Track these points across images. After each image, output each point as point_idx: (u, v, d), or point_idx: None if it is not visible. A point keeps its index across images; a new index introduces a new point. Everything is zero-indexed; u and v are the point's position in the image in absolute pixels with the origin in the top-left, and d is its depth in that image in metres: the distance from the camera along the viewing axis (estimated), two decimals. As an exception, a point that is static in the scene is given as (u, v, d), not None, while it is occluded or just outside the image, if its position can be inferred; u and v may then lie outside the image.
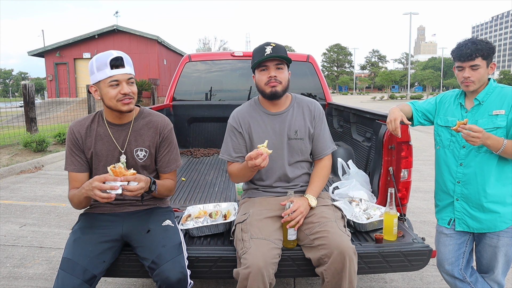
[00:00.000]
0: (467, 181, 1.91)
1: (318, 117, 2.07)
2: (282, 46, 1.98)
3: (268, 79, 1.94)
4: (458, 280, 2.03)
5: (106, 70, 1.73)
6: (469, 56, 1.82)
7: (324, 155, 2.08)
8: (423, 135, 10.44)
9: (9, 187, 5.49)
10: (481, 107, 1.88)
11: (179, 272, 1.64)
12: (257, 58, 1.94)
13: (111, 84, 1.75)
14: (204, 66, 4.47)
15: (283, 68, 1.97)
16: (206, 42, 52.26)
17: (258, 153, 1.73)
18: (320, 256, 1.69)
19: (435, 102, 2.09)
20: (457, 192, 1.96)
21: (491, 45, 1.84)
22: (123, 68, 1.75)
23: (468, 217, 1.94)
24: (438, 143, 2.05)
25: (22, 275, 2.88)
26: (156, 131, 1.93)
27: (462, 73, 1.87)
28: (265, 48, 1.93)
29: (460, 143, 1.92)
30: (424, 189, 5.16)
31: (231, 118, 2.10)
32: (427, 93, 52.74)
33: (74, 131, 1.87)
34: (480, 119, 1.86)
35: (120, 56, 1.75)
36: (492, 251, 1.94)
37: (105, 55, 1.75)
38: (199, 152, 4.33)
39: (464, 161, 1.92)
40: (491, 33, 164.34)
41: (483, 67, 1.83)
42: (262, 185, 2.07)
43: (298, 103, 2.09)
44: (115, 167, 1.64)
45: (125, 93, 1.75)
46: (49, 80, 25.23)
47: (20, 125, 8.99)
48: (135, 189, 1.65)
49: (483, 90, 1.89)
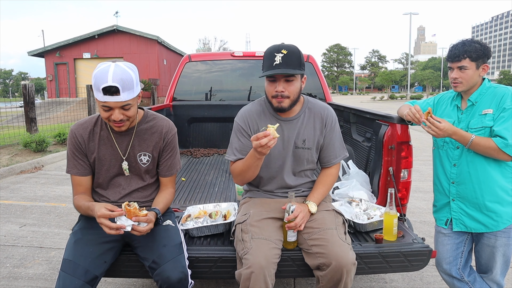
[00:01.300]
0: (461, 181, 1.93)
1: (330, 125, 1.96)
2: (296, 51, 1.77)
3: (275, 93, 1.80)
4: (456, 280, 2.04)
5: (99, 94, 1.62)
6: (456, 57, 1.84)
7: (332, 164, 2.00)
8: (423, 135, 10.44)
9: (9, 187, 5.49)
10: (474, 108, 1.89)
11: (180, 272, 1.64)
12: (266, 67, 1.77)
13: (103, 108, 1.66)
14: (204, 66, 4.47)
15: (293, 80, 1.79)
16: (206, 42, 52.25)
17: (266, 133, 1.64)
18: (318, 263, 1.69)
19: (433, 103, 2.10)
20: (453, 193, 1.97)
21: (484, 47, 1.83)
22: (117, 95, 1.61)
23: (465, 217, 1.94)
24: (434, 144, 2.07)
25: (22, 275, 2.88)
26: (160, 136, 1.90)
27: (451, 74, 1.90)
28: (275, 55, 1.74)
29: (454, 144, 1.93)
30: (424, 189, 5.16)
31: (239, 117, 1.97)
32: (427, 93, 52.68)
33: (77, 134, 1.82)
34: (472, 119, 1.88)
35: (115, 85, 1.58)
36: (490, 251, 1.94)
37: (101, 78, 1.59)
38: (199, 152, 4.33)
39: (457, 162, 1.93)
40: (491, 33, 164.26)
41: (472, 68, 1.83)
42: (263, 189, 2.03)
43: (310, 109, 1.96)
44: (129, 205, 1.63)
45: (115, 120, 1.67)
46: (49, 80, 25.23)
47: (20, 125, 8.98)
48: (144, 230, 1.65)
49: (476, 91, 1.89)
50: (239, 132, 1.95)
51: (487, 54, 1.84)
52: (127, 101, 1.66)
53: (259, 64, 4.37)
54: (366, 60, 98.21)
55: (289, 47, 1.78)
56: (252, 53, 4.35)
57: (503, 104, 1.79)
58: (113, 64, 1.63)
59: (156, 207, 1.79)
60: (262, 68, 1.83)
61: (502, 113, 1.78)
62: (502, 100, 1.80)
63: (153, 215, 1.69)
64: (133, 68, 1.70)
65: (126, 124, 1.74)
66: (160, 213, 1.78)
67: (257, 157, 1.73)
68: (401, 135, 2.17)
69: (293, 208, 1.76)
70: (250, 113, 1.96)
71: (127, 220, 1.62)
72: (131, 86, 1.65)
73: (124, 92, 1.62)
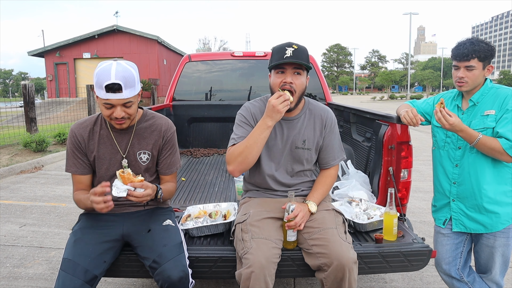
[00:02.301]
0: (462, 181, 1.92)
1: (330, 127, 1.98)
2: (305, 49, 1.83)
3: (283, 83, 1.80)
4: (455, 280, 2.04)
5: (101, 92, 1.65)
6: (465, 56, 1.81)
7: (331, 166, 2.00)
8: (423, 135, 10.44)
9: (9, 187, 5.49)
10: (475, 108, 1.88)
11: (180, 271, 1.65)
12: (276, 59, 1.80)
13: (105, 106, 1.69)
14: (204, 66, 4.47)
15: (301, 73, 1.82)
16: (206, 42, 52.26)
17: (280, 94, 1.63)
18: (319, 264, 1.69)
19: (433, 102, 2.09)
20: (453, 193, 1.96)
21: (490, 47, 1.82)
22: (120, 93, 1.65)
23: (465, 217, 1.94)
24: (434, 144, 2.06)
25: (22, 275, 2.88)
26: (159, 134, 1.91)
27: (457, 73, 1.87)
28: (286, 49, 1.78)
29: (456, 144, 1.93)
30: (424, 189, 5.16)
31: (243, 109, 1.96)
32: (427, 93, 52.72)
33: (77, 134, 1.84)
34: (473, 120, 1.87)
35: (118, 83, 1.62)
36: (489, 251, 1.94)
37: (104, 75, 1.63)
38: (199, 152, 4.33)
39: (459, 162, 1.92)
40: (491, 33, 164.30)
41: (479, 68, 1.82)
42: (263, 189, 2.03)
43: (310, 110, 1.98)
44: (123, 172, 1.64)
45: (116, 117, 1.70)
46: (49, 80, 25.24)
47: (20, 125, 8.98)
48: (141, 195, 1.65)
49: (478, 91, 1.88)
50: (242, 122, 1.94)
51: (493, 54, 1.83)
52: (129, 98, 1.69)
53: (259, 64, 4.37)
54: (366, 60, 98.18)
55: (299, 44, 1.82)
56: (252, 53, 4.35)
57: (506, 105, 1.79)
58: (114, 63, 1.66)
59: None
60: (271, 61, 1.85)
61: (505, 114, 1.78)
62: (505, 101, 1.79)
63: (153, 189, 1.70)
64: (134, 67, 1.74)
65: (127, 122, 1.76)
66: (161, 189, 1.79)
67: (268, 124, 1.74)
68: (401, 135, 2.17)
69: (293, 208, 1.76)
70: (254, 108, 1.96)
71: (122, 185, 1.61)
72: (132, 84, 1.68)
73: (126, 90, 1.66)
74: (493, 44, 1.87)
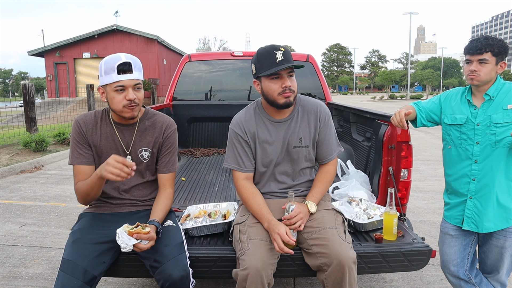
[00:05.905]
0: (482, 177, 1.88)
1: (324, 121, 1.95)
2: (289, 50, 1.83)
3: (283, 89, 1.79)
4: (463, 281, 2.01)
5: (113, 74, 1.72)
6: (478, 49, 1.81)
7: (329, 160, 2.00)
8: (423, 135, 10.44)
9: (9, 187, 5.49)
10: (492, 103, 1.86)
11: (181, 270, 1.65)
12: (268, 65, 1.77)
13: (117, 89, 1.74)
14: (204, 66, 4.48)
15: (293, 75, 1.83)
16: (206, 42, 52.33)
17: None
18: (319, 264, 1.69)
19: (439, 101, 2.04)
20: (472, 190, 1.91)
21: (504, 43, 1.82)
22: (130, 73, 1.74)
23: (478, 215, 1.90)
24: (449, 143, 1.99)
25: (22, 275, 2.88)
26: (160, 131, 1.93)
27: (469, 67, 1.86)
28: (275, 53, 1.76)
29: (474, 140, 1.88)
30: (424, 189, 5.16)
31: (234, 125, 1.96)
32: (427, 93, 52.68)
33: (81, 123, 1.86)
34: (494, 114, 1.84)
35: (128, 61, 1.73)
36: (498, 251, 1.92)
37: (114, 58, 1.74)
38: (199, 152, 4.33)
39: (479, 158, 1.88)
40: (491, 33, 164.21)
41: (492, 63, 1.81)
42: (262, 191, 2.01)
43: (302, 107, 1.96)
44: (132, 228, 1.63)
45: (130, 99, 1.74)
46: (49, 80, 25.23)
47: (20, 125, 8.98)
48: (145, 248, 1.64)
49: (492, 86, 1.87)
50: (236, 140, 1.94)
51: (506, 51, 1.83)
52: (138, 80, 1.78)
53: (259, 64, 4.37)
54: (366, 59, 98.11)
55: (283, 46, 1.82)
56: (252, 53, 4.34)
57: None
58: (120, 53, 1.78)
59: (156, 218, 1.77)
60: (260, 68, 1.80)
61: None
62: None
63: (153, 230, 1.68)
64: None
65: (136, 109, 1.80)
66: (160, 226, 1.77)
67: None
68: (401, 134, 2.17)
69: (292, 208, 1.76)
70: (245, 119, 1.95)
71: (130, 239, 1.61)
72: (140, 68, 1.80)
73: (135, 71, 1.76)
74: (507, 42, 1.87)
